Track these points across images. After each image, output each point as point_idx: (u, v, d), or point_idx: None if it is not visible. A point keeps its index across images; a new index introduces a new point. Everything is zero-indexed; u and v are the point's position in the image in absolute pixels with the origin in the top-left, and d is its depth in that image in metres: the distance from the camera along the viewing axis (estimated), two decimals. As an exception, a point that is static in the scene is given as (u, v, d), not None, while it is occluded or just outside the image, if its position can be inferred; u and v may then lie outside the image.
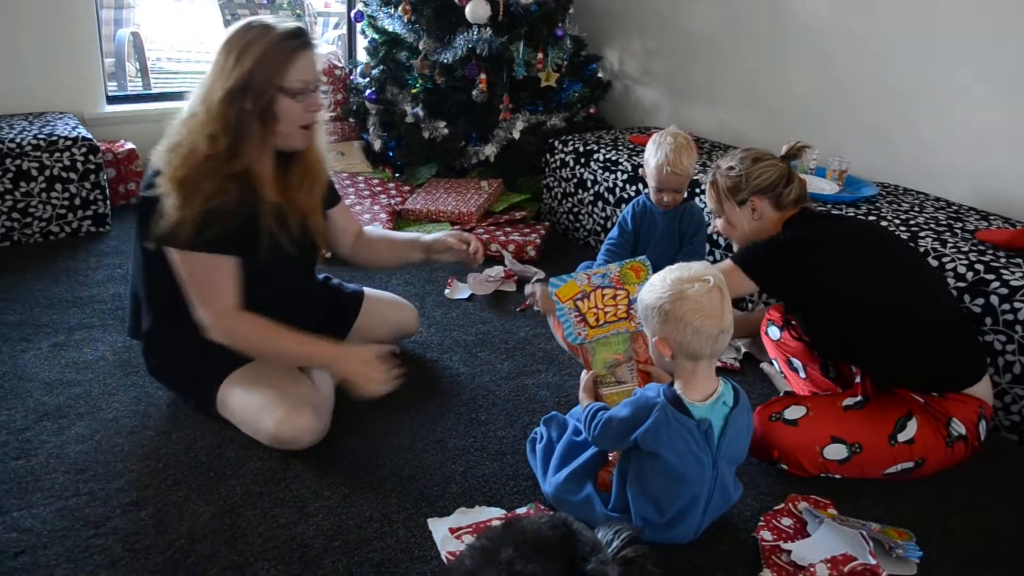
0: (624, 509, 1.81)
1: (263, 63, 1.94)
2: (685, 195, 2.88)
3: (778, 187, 2.21)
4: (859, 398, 2.09)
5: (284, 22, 2.01)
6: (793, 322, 2.35)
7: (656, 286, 1.74)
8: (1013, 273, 2.30)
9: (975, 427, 2.07)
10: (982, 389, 2.10)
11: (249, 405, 2.09)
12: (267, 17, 2.02)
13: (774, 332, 2.45)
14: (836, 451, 2.03)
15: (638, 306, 1.80)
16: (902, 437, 2.02)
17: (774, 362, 2.53)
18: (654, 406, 1.72)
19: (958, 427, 2.04)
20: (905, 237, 2.56)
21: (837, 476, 2.06)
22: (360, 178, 4.01)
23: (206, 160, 1.95)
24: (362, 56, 4.29)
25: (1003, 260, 2.39)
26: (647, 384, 1.87)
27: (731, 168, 2.24)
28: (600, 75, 4.27)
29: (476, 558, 1.41)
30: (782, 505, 1.97)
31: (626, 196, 3.37)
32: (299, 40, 1.99)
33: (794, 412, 2.08)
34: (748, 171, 2.21)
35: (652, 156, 2.67)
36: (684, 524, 1.79)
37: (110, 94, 4.17)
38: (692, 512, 1.78)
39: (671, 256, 2.77)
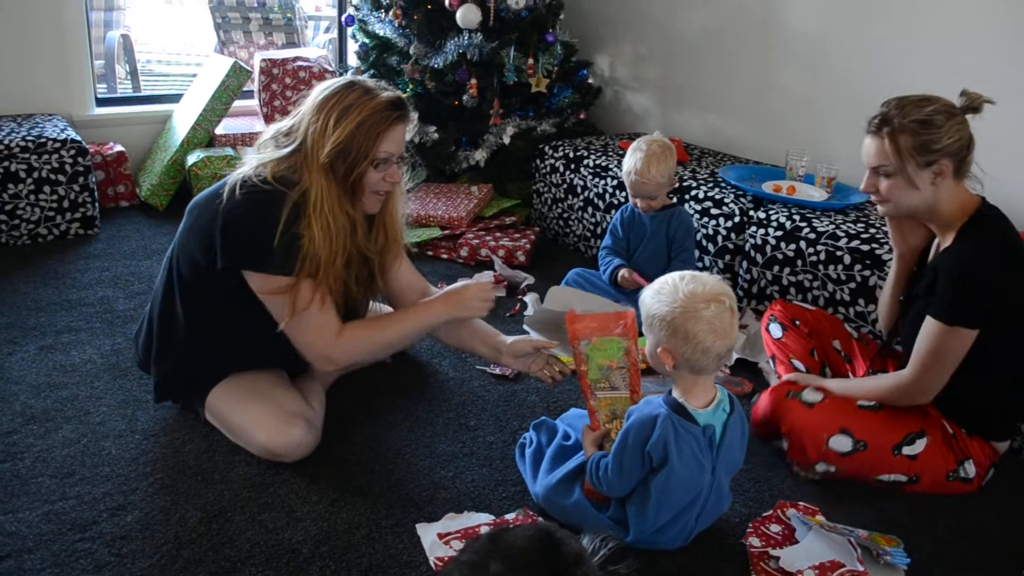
0: (620, 519, 1.81)
1: (361, 131, 1.92)
2: (673, 200, 2.90)
3: (964, 151, 1.95)
4: (874, 402, 2.07)
5: (385, 89, 1.99)
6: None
7: (666, 295, 1.70)
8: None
9: (984, 472, 2.06)
10: (1006, 443, 2.10)
11: (241, 416, 2.08)
12: (367, 80, 2.00)
13: (776, 330, 2.42)
14: (842, 443, 2.02)
15: (642, 310, 1.76)
16: (907, 451, 2.01)
17: (771, 361, 2.50)
18: (656, 417, 1.72)
19: (969, 469, 2.03)
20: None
21: (832, 468, 2.05)
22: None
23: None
24: (353, 60, 4.28)
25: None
26: (644, 399, 1.85)
27: (922, 122, 1.92)
28: (590, 81, 4.27)
29: (463, 571, 1.41)
30: (771, 512, 1.97)
31: (616, 202, 3.37)
32: (398, 112, 1.97)
33: (812, 395, 2.08)
34: (946, 126, 1.92)
35: (625, 162, 2.72)
36: (675, 529, 1.79)
37: (99, 96, 4.15)
38: (685, 517, 1.78)
39: (659, 260, 2.79)
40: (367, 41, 3.99)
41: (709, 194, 3.09)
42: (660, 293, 1.72)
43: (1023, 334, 1.98)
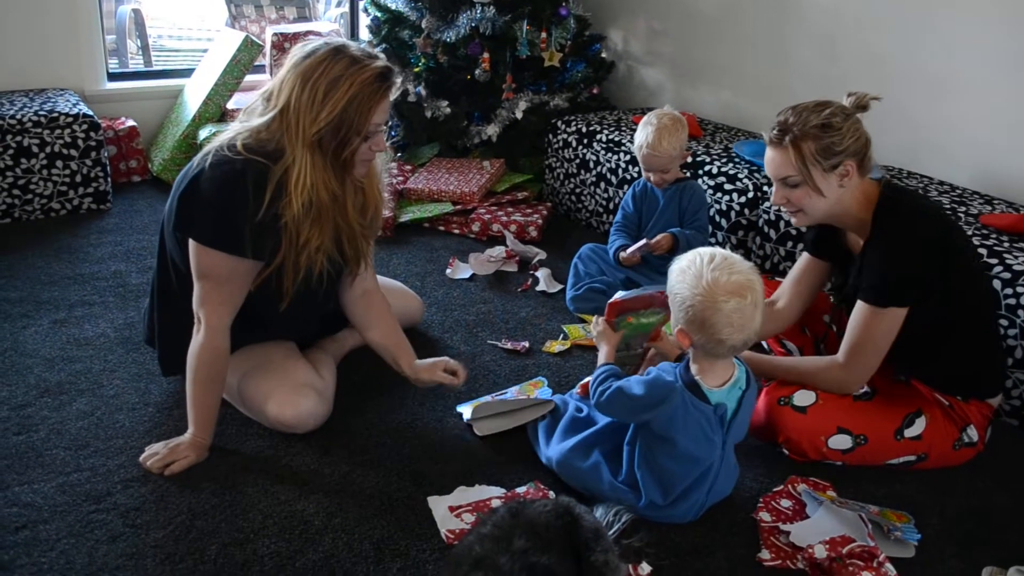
0: (633, 483, 1.82)
1: (352, 107, 1.83)
2: (686, 175, 2.89)
3: (865, 148, 1.95)
4: (866, 389, 2.05)
5: (371, 56, 1.88)
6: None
7: (690, 277, 1.68)
8: (1016, 257, 2.29)
9: (984, 432, 2.06)
10: (999, 396, 2.10)
11: (252, 388, 2.08)
12: (350, 45, 1.88)
13: None
14: (841, 441, 2.01)
15: (668, 283, 1.75)
16: (909, 433, 2.00)
17: (762, 342, 2.48)
18: (671, 390, 1.72)
19: (972, 434, 2.03)
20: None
21: (838, 463, 2.05)
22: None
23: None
24: (364, 34, 4.25)
25: (1007, 244, 2.38)
26: (660, 364, 1.87)
27: (822, 126, 1.91)
28: (604, 55, 4.24)
29: (486, 545, 1.41)
30: (781, 487, 1.97)
31: (628, 177, 3.35)
32: (387, 83, 1.88)
33: (803, 398, 2.04)
34: (845, 127, 1.91)
35: (637, 136, 2.71)
36: (687, 503, 1.80)
37: (111, 71, 4.14)
38: (697, 491, 1.79)
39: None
40: (379, 15, 3.96)
41: (723, 169, 3.07)
42: (686, 273, 1.70)
43: (974, 290, 2.01)
